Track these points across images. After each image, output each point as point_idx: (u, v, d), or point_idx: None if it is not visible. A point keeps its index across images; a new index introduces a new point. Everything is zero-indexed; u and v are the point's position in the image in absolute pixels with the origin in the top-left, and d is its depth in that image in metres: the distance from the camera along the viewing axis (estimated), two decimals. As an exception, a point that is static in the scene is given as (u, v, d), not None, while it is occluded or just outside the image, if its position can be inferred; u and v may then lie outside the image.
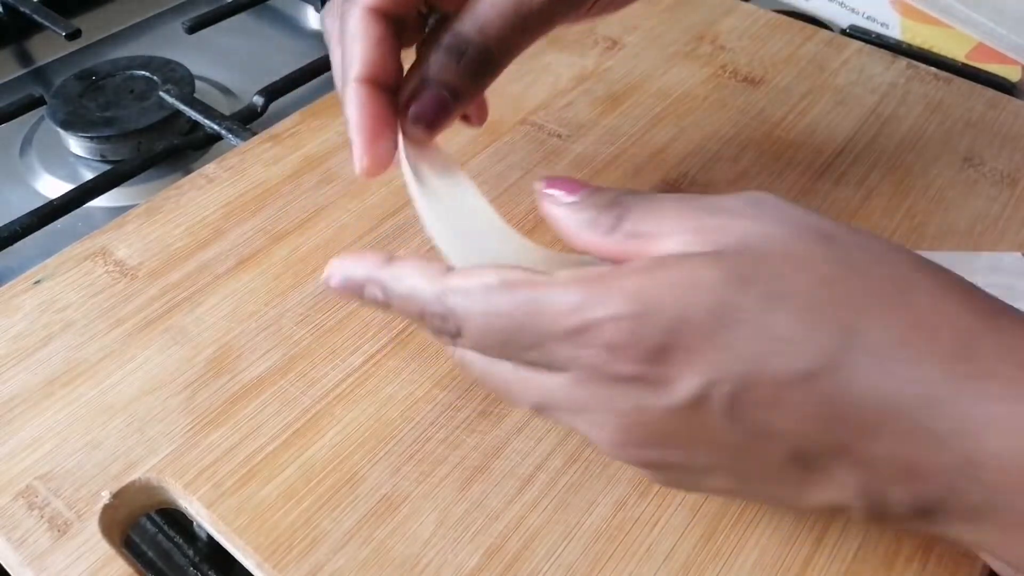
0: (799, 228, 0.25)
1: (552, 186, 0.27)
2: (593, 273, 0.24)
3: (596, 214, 0.26)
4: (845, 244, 0.25)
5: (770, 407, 0.23)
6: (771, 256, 0.24)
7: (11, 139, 0.55)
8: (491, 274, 0.25)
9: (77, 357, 0.36)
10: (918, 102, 0.50)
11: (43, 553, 0.30)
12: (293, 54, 0.62)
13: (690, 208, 0.25)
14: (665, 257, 0.24)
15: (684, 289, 0.23)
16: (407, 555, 0.30)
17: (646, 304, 0.23)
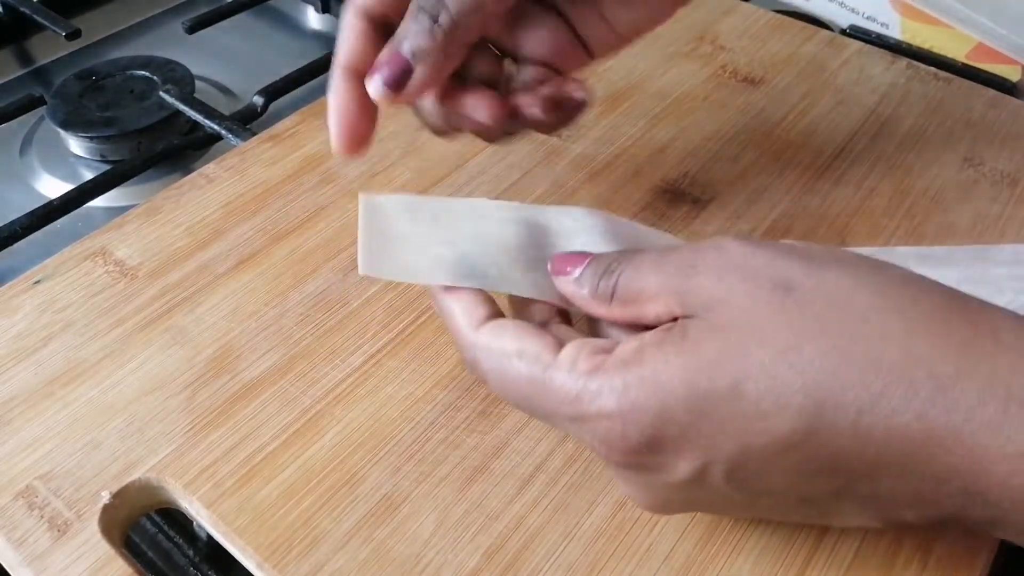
0: (758, 284, 0.25)
1: (559, 271, 0.29)
2: (587, 364, 0.26)
3: (595, 286, 0.28)
4: (805, 294, 0.24)
5: (765, 473, 0.25)
6: (735, 329, 0.24)
7: (11, 139, 0.55)
8: (511, 342, 0.27)
9: (77, 357, 0.36)
10: (918, 102, 0.50)
11: (43, 553, 0.30)
12: (293, 54, 0.62)
13: (665, 272, 0.27)
14: (644, 349, 0.25)
15: (662, 388, 0.24)
16: (407, 555, 0.30)
17: (632, 404, 0.25)
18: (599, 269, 0.28)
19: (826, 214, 0.43)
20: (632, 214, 0.43)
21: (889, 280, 0.25)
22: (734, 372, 0.24)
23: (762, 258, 0.25)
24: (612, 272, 0.27)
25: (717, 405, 0.24)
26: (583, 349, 0.26)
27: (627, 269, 0.27)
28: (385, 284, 0.39)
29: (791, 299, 0.24)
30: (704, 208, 0.43)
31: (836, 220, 0.43)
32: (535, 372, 0.26)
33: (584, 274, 0.28)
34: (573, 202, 0.43)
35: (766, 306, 0.24)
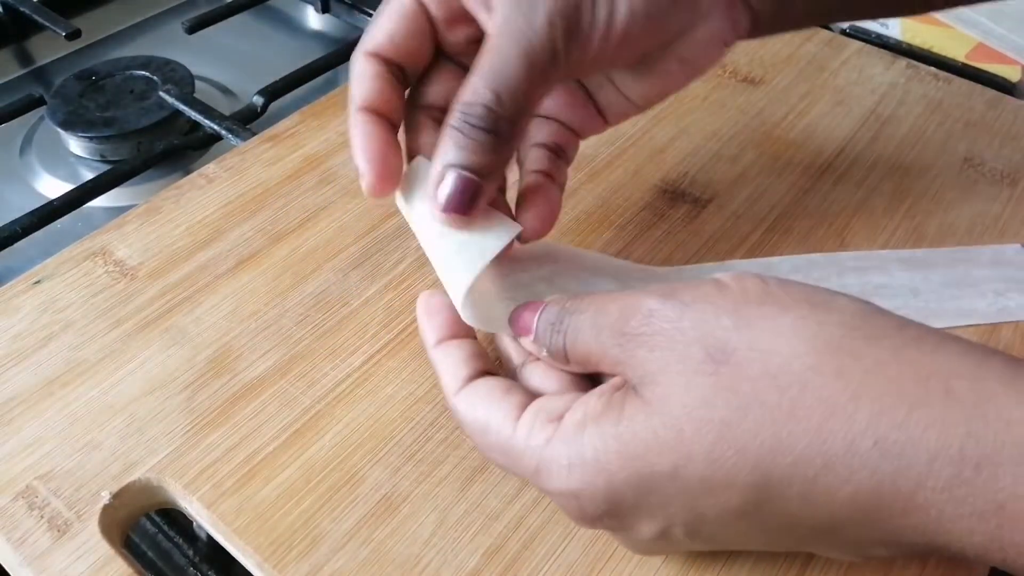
0: (689, 354, 0.24)
1: (520, 330, 0.29)
2: (539, 438, 0.26)
3: (549, 344, 0.28)
4: (738, 363, 0.24)
5: (726, 530, 0.25)
6: (670, 409, 0.24)
7: (11, 139, 0.55)
8: (481, 412, 0.28)
9: (77, 357, 0.36)
10: (918, 102, 0.50)
11: (43, 553, 0.30)
12: (293, 54, 0.62)
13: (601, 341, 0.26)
14: (587, 423, 0.25)
15: (604, 470, 0.25)
16: (407, 555, 0.30)
17: (580, 484, 0.25)
18: (547, 326, 0.28)
19: (826, 214, 0.43)
20: (632, 214, 0.43)
21: (829, 335, 0.23)
22: (673, 457, 0.24)
23: (690, 321, 0.25)
24: (559, 331, 0.28)
25: (661, 485, 0.24)
26: (537, 417, 0.26)
27: (569, 330, 0.27)
28: (385, 284, 0.39)
29: (725, 369, 0.24)
30: (704, 208, 0.43)
31: (836, 220, 0.43)
32: (501, 443, 0.27)
33: (538, 333, 0.28)
34: (573, 202, 0.43)
35: (699, 379, 0.24)
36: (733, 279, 0.25)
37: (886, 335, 0.23)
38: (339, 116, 0.48)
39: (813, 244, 0.41)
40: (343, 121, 0.48)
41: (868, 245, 0.41)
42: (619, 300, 0.26)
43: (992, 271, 0.40)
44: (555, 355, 0.28)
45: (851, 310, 0.24)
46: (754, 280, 0.25)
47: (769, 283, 0.25)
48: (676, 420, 0.24)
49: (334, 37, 0.66)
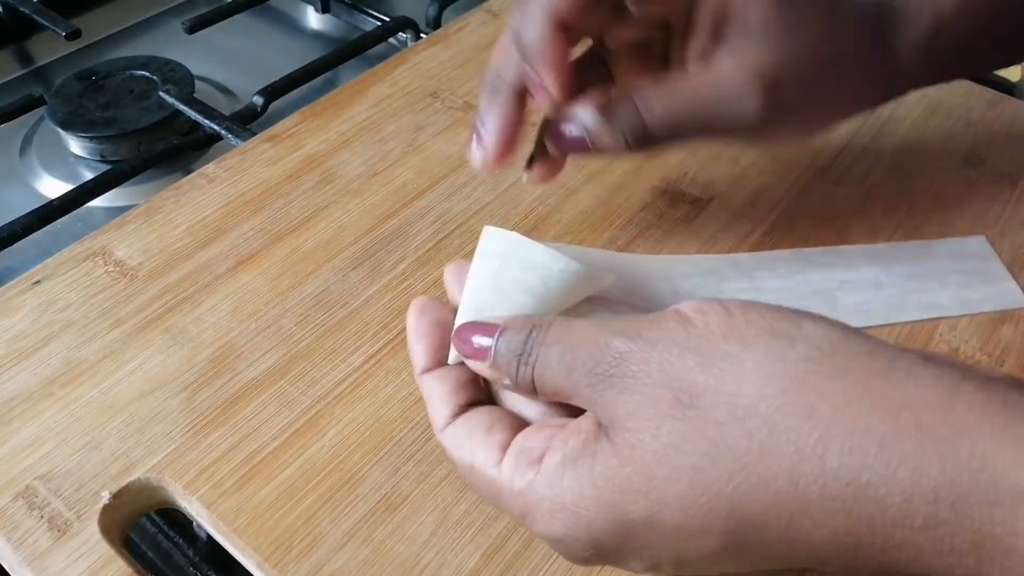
0: (658, 398, 0.24)
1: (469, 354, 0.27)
2: (521, 482, 0.26)
3: (514, 376, 0.27)
4: (705, 407, 0.23)
5: (715, 567, 0.25)
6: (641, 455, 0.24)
7: (11, 139, 0.55)
8: (466, 453, 0.27)
9: (77, 357, 0.36)
10: (918, 102, 0.50)
11: (43, 553, 0.30)
12: (293, 54, 0.62)
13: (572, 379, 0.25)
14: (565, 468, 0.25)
15: (583, 518, 0.25)
16: (407, 555, 0.30)
17: (563, 530, 0.25)
18: (512, 356, 0.26)
19: (826, 214, 0.43)
20: (632, 214, 0.43)
21: (794, 372, 0.23)
22: (647, 504, 0.23)
23: (657, 363, 0.24)
24: (527, 363, 0.26)
25: (639, 531, 0.24)
26: (519, 460, 0.26)
27: (538, 363, 0.26)
28: (385, 284, 0.39)
29: (692, 413, 0.23)
30: (704, 208, 0.43)
31: (836, 220, 0.43)
32: (487, 485, 0.27)
33: (498, 361, 0.27)
34: (573, 202, 0.43)
35: (668, 424, 0.23)
36: (696, 311, 0.25)
37: (853, 366, 0.23)
38: (339, 116, 0.48)
39: (813, 244, 0.41)
40: (343, 121, 0.48)
41: (868, 245, 0.41)
42: (587, 339, 0.25)
43: (955, 263, 0.40)
44: (521, 386, 0.27)
45: (816, 339, 0.23)
46: (716, 310, 0.25)
47: (733, 313, 0.24)
48: (647, 467, 0.24)
49: (334, 37, 0.66)
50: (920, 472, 0.21)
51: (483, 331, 0.27)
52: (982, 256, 0.41)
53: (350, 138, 0.47)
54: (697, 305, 0.25)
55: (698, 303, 0.25)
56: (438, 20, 0.62)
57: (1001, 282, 0.40)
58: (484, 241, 0.29)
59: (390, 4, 0.69)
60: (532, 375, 0.26)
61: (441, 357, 0.29)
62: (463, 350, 0.28)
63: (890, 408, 0.22)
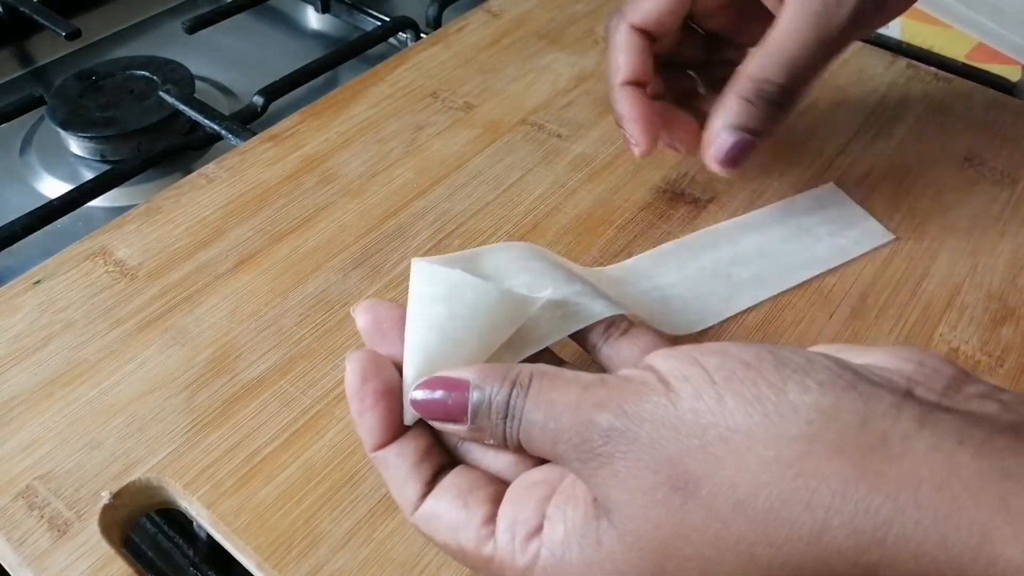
0: (655, 486, 0.23)
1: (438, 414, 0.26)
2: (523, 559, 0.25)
3: (500, 434, 0.26)
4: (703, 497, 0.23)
5: None
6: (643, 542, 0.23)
7: (11, 139, 0.55)
8: (448, 536, 0.26)
9: (77, 357, 0.36)
10: (918, 102, 0.50)
11: (43, 553, 0.30)
12: (293, 54, 0.62)
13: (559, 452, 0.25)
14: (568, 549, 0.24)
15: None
16: (407, 555, 0.30)
17: None
18: (494, 414, 0.25)
19: (826, 214, 0.43)
20: (632, 214, 0.43)
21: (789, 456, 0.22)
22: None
23: (648, 445, 0.23)
24: (512, 422, 0.25)
25: None
26: (515, 535, 0.25)
27: (523, 425, 0.25)
28: (385, 284, 0.39)
29: (693, 504, 0.23)
30: (704, 208, 0.43)
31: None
32: (484, 564, 0.26)
33: (479, 422, 0.26)
34: (573, 202, 0.43)
35: (669, 514, 0.23)
36: (677, 377, 0.24)
37: (847, 443, 0.22)
38: (339, 116, 0.48)
39: (813, 244, 0.41)
40: (343, 121, 0.48)
41: (868, 245, 0.41)
42: (568, 410, 0.24)
43: (820, 215, 0.42)
44: (503, 443, 0.26)
45: (805, 411, 0.22)
46: (697, 376, 0.24)
47: (715, 380, 0.23)
48: (655, 555, 0.23)
49: (334, 37, 0.66)
50: (922, 551, 0.21)
51: (454, 388, 0.26)
52: (838, 203, 0.43)
53: (350, 138, 0.47)
54: (676, 367, 0.24)
55: (677, 363, 0.24)
56: (438, 20, 0.62)
57: (863, 223, 0.42)
58: (419, 282, 0.27)
59: (390, 4, 0.69)
60: (517, 435, 0.25)
61: (395, 427, 0.27)
62: (432, 412, 0.26)
63: (888, 489, 0.21)
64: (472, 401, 0.26)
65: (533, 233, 0.41)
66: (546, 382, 0.25)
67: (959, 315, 0.38)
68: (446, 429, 0.27)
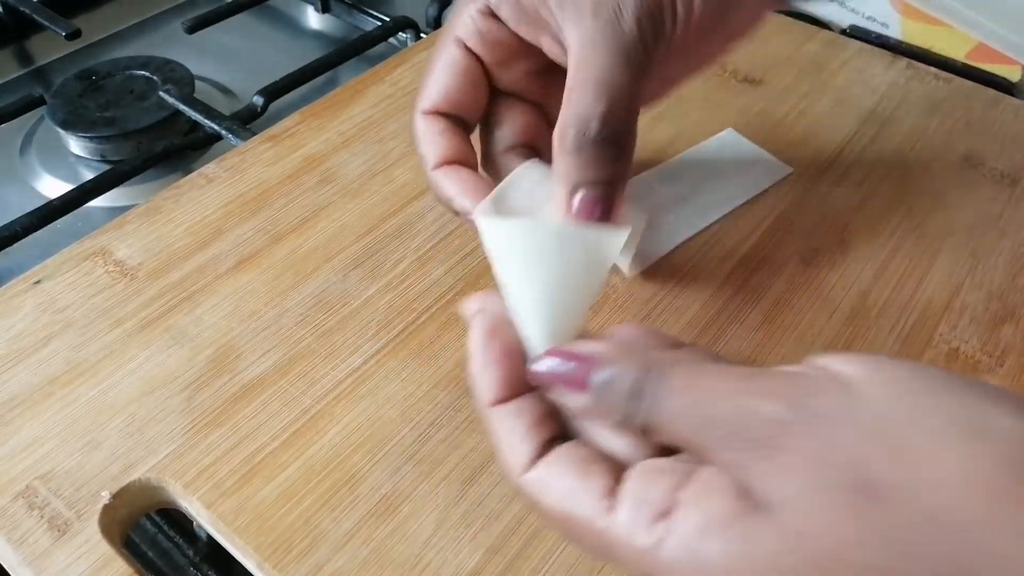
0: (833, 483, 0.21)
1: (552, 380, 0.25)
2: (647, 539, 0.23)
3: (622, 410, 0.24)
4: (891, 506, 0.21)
5: None
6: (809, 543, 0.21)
7: (11, 139, 0.55)
8: (558, 503, 0.25)
9: (77, 357, 0.36)
10: (918, 102, 0.50)
11: (43, 553, 0.30)
12: (293, 54, 0.62)
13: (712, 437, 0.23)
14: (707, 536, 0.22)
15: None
16: (407, 555, 0.30)
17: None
18: (623, 393, 0.24)
19: (826, 214, 0.43)
20: (632, 214, 0.43)
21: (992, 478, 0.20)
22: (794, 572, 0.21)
23: (828, 441, 0.21)
24: (640, 407, 0.24)
25: None
26: (640, 513, 0.23)
27: (656, 408, 0.23)
28: (385, 284, 0.39)
29: (879, 509, 0.21)
30: (704, 208, 0.43)
31: (836, 220, 0.43)
32: (594, 536, 0.24)
33: (602, 398, 0.24)
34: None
35: (848, 518, 0.21)
36: (860, 379, 0.22)
37: None
38: (339, 116, 0.48)
39: (813, 244, 0.41)
40: (343, 121, 0.48)
41: (868, 245, 0.41)
42: (727, 396, 0.23)
43: (725, 157, 0.45)
44: (628, 427, 0.24)
45: (1014, 437, 0.21)
46: (887, 383, 0.22)
47: (908, 389, 0.22)
48: (822, 561, 0.21)
49: (334, 37, 0.66)
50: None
51: (579, 361, 0.25)
52: (738, 145, 0.46)
53: (350, 138, 0.47)
54: (857, 371, 0.22)
55: (855, 366, 0.22)
56: (438, 20, 0.62)
57: (762, 159, 0.45)
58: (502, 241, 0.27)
59: (390, 4, 0.69)
60: (649, 420, 0.24)
61: (515, 386, 0.26)
62: (553, 380, 0.25)
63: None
64: (600, 376, 0.24)
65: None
66: (693, 369, 0.24)
67: (959, 315, 0.39)
68: (565, 402, 0.25)
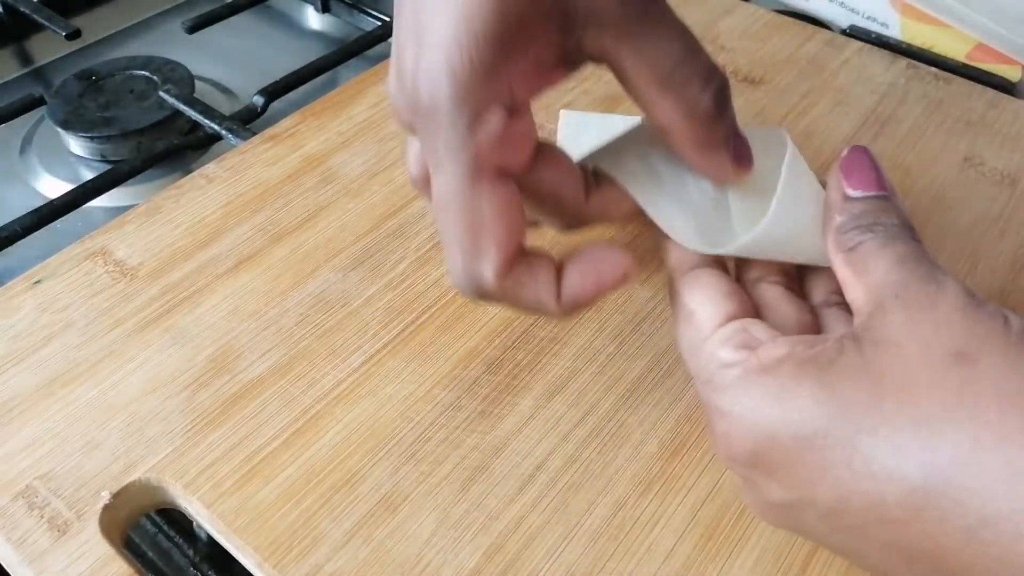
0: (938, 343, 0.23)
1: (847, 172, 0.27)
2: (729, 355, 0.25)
3: (846, 226, 0.26)
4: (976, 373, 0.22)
5: (860, 534, 0.23)
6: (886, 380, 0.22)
7: (11, 139, 0.55)
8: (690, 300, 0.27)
9: (77, 357, 0.36)
10: (918, 102, 0.50)
11: (43, 553, 0.30)
12: (293, 54, 0.62)
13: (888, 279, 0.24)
14: (785, 361, 0.24)
15: (780, 409, 0.23)
16: (407, 555, 0.30)
17: (744, 413, 0.24)
18: (866, 217, 0.26)
19: (826, 214, 0.43)
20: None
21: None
22: (861, 423, 0.22)
23: (963, 319, 0.23)
24: (872, 231, 0.25)
25: (830, 448, 0.22)
26: (737, 335, 0.25)
27: (878, 240, 0.25)
28: (385, 284, 0.39)
29: (960, 370, 0.22)
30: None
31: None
32: (692, 338, 0.26)
33: (853, 204, 0.26)
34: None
35: (930, 368, 0.22)
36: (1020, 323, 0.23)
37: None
38: (339, 116, 0.48)
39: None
40: (343, 121, 0.48)
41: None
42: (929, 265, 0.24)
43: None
44: (839, 238, 0.26)
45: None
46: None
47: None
48: (885, 393, 0.22)
49: (334, 37, 0.66)
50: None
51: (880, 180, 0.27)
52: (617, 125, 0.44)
53: (350, 138, 0.47)
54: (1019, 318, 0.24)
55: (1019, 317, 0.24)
56: (438, 20, 0.62)
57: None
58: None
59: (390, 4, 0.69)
60: (862, 241, 0.25)
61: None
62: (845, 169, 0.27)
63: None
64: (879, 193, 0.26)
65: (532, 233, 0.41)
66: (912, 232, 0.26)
67: (959, 315, 0.38)
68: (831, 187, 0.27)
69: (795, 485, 0.24)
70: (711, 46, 0.54)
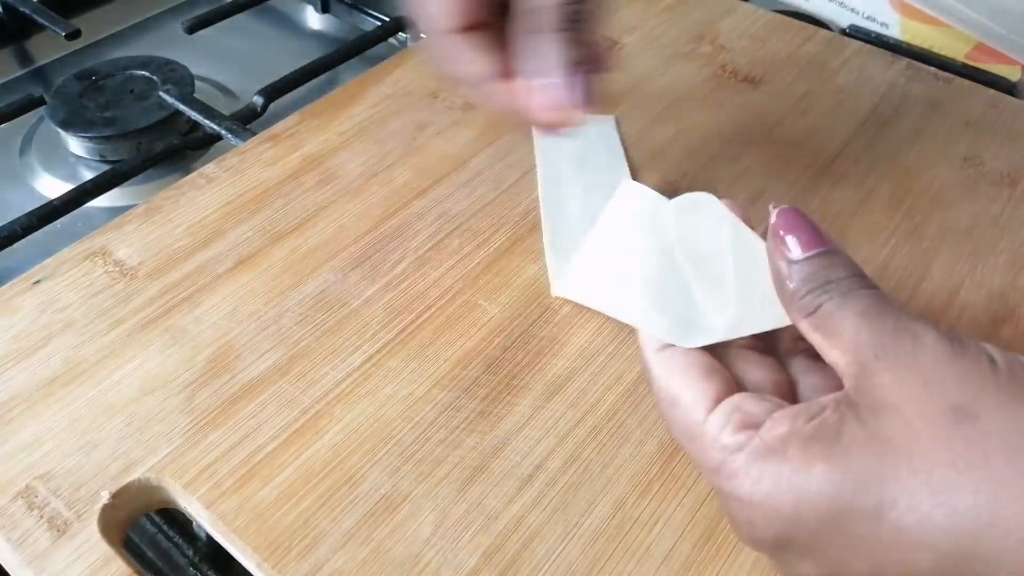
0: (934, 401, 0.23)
1: (787, 230, 0.27)
2: (732, 439, 0.25)
3: (801, 292, 0.26)
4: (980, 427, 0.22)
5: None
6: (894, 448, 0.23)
7: (11, 139, 0.55)
8: (673, 383, 0.27)
9: (77, 357, 0.36)
10: (918, 102, 0.50)
11: (43, 553, 0.30)
12: (293, 54, 0.62)
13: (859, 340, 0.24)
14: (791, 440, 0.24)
15: (800, 492, 0.23)
16: (407, 555, 0.30)
17: (764, 498, 0.24)
18: (816, 278, 0.26)
19: (826, 214, 0.43)
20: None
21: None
22: (880, 495, 0.22)
23: (951, 371, 0.23)
24: (826, 291, 0.25)
25: (855, 523, 0.23)
26: (732, 417, 0.25)
27: (841, 300, 0.25)
28: (385, 284, 0.39)
29: (963, 429, 0.22)
30: (704, 208, 0.43)
31: (836, 220, 0.43)
32: (687, 426, 0.26)
33: (800, 268, 0.26)
34: (573, 202, 0.43)
35: (933, 429, 0.22)
36: (1006, 361, 0.23)
37: None
38: (339, 116, 0.48)
39: (813, 244, 0.41)
40: (343, 121, 0.48)
41: (868, 245, 0.41)
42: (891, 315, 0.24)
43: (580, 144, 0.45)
44: (797, 303, 0.26)
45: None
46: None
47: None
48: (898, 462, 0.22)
49: (334, 37, 0.66)
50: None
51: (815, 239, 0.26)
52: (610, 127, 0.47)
53: (350, 138, 0.47)
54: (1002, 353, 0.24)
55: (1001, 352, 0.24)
56: (438, 20, 0.62)
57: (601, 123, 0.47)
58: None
59: (390, 4, 0.69)
60: (821, 304, 0.25)
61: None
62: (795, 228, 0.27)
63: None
64: (821, 249, 0.26)
65: (533, 233, 0.41)
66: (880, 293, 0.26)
67: (959, 315, 0.38)
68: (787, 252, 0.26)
69: (828, 562, 0.24)
70: (711, 46, 0.54)
